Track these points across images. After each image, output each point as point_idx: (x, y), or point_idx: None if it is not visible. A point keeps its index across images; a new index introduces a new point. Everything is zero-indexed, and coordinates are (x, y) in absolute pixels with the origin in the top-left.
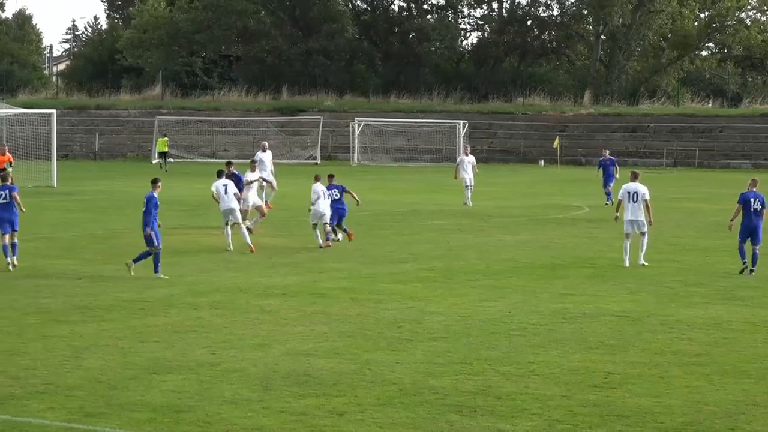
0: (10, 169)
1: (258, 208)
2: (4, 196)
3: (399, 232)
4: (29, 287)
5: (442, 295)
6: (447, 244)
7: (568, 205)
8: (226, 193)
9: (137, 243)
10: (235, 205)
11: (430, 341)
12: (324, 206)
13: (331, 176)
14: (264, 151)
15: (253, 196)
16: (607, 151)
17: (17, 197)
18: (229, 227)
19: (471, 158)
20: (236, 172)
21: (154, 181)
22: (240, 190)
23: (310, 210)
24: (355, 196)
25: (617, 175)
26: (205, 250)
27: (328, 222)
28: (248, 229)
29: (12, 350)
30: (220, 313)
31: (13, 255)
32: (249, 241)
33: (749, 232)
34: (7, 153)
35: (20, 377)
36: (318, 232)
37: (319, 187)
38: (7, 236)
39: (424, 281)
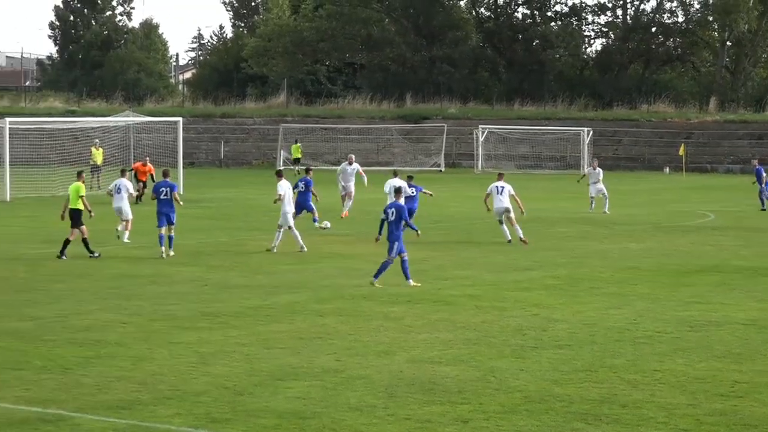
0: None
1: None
2: (165, 192)
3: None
4: (156, 294)
5: (566, 303)
6: (571, 252)
7: (694, 213)
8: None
9: (262, 249)
10: (290, 209)
11: (555, 349)
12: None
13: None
14: (350, 164)
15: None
16: (756, 160)
17: (176, 194)
18: (281, 230)
19: (598, 171)
20: (309, 178)
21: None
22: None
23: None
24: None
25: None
26: (329, 257)
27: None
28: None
29: (139, 356)
30: (345, 320)
31: (169, 247)
32: (301, 242)
33: None
34: (149, 164)
35: (147, 383)
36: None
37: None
38: (164, 228)
39: (548, 289)
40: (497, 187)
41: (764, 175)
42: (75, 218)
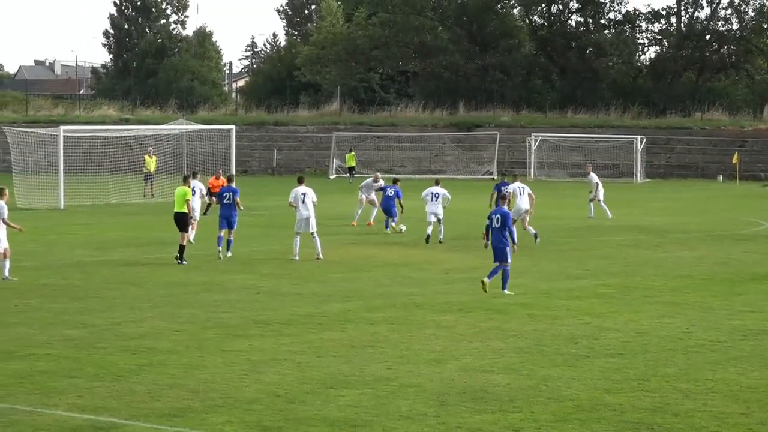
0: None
1: None
2: (228, 197)
3: (575, 248)
4: (208, 302)
5: (619, 311)
6: (624, 260)
7: (748, 221)
8: (303, 201)
9: (312, 258)
10: (310, 213)
11: (607, 357)
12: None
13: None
14: (376, 181)
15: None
16: None
17: (238, 199)
18: (299, 237)
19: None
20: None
21: None
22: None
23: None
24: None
25: None
26: (381, 265)
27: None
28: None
29: (191, 364)
30: (396, 328)
31: (227, 250)
32: (320, 251)
33: None
34: (222, 177)
35: (199, 390)
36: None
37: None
38: (224, 231)
39: (601, 297)
40: (519, 187)
41: None
42: (182, 222)
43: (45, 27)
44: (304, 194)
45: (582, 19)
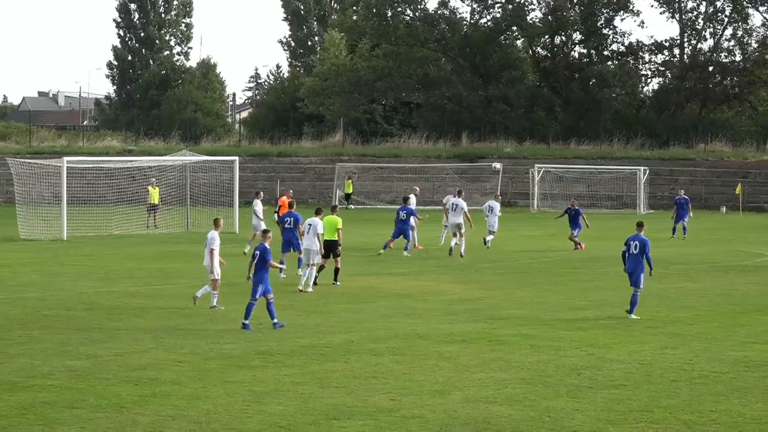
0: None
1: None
2: (289, 222)
3: (578, 279)
4: (211, 333)
5: (622, 342)
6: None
7: (751, 253)
8: (308, 232)
9: (317, 289)
10: (314, 246)
11: (611, 388)
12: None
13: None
14: (414, 195)
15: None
16: None
17: (300, 226)
18: (308, 268)
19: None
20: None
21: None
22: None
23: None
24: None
25: None
26: (384, 296)
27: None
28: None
29: (194, 395)
30: (400, 359)
31: (298, 266)
32: (312, 283)
33: None
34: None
35: (202, 422)
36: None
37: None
38: (287, 255)
39: (604, 328)
40: (453, 204)
41: None
42: (328, 248)
43: (49, 58)
44: (310, 225)
45: (585, 51)
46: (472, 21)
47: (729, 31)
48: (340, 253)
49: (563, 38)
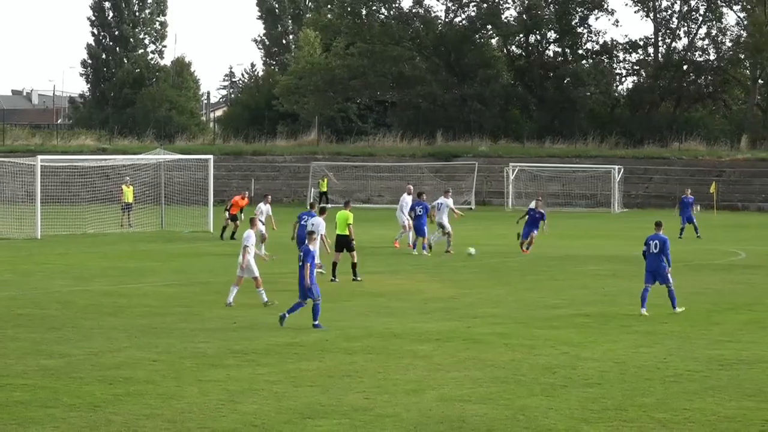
0: (242, 215)
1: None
2: (305, 219)
3: (553, 278)
4: (185, 332)
5: (596, 341)
6: (601, 290)
7: (725, 251)
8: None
9: (292, 287)
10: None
11: (585, 387)
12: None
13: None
14: (409, 194)
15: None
16: None
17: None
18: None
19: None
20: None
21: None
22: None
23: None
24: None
25: None
26: (359, 294)
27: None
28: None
29: (168, 394)
30: (374, 358)
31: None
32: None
33: None
34: (246, 198)
35: (176, 421)
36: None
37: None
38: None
39: (578, 327)
40: (439, 203)
41: None
42: (341, 244)
43: (22, 57)
44: (312, 225)
45: (560, 50)
46: (446, 20)
47: (703, 30)
48: (354, 247)
49: (538, 37)
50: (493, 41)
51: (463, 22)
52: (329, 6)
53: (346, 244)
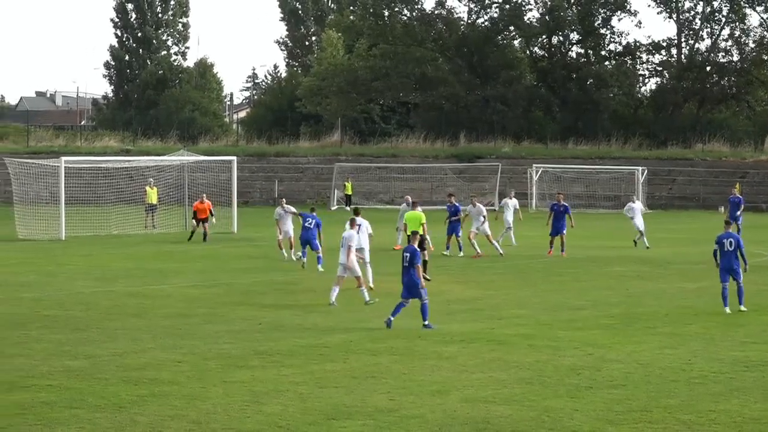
0: (213, 219)
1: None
2: (309, 221)
3: (577, 279)
4: (210, 333)
5: (621, 342)
6: (626, 291)
7: (749, 252)
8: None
9: (315, 288)
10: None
11: (610, 389)
12: None
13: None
14: (408, 204)
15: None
16: None
17: (319, 228)
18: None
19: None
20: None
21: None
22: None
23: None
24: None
25: None
26: (382, 295)
27: None
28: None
29: (193, 395)
30: (399, 359)
31: (318, 263)
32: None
33: None
34: (206, 201)
35: (201, 422)
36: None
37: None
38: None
39: (603, 328)
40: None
41: None
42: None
43: (46, 58)
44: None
45: (582, 51)
46: (469, 21)
47: (726, 31)
48: (426, 246)
49: (560, 38)
50: (516, 42)
51: (486, 23)
52: (352, 7)
53: (420, 243)
